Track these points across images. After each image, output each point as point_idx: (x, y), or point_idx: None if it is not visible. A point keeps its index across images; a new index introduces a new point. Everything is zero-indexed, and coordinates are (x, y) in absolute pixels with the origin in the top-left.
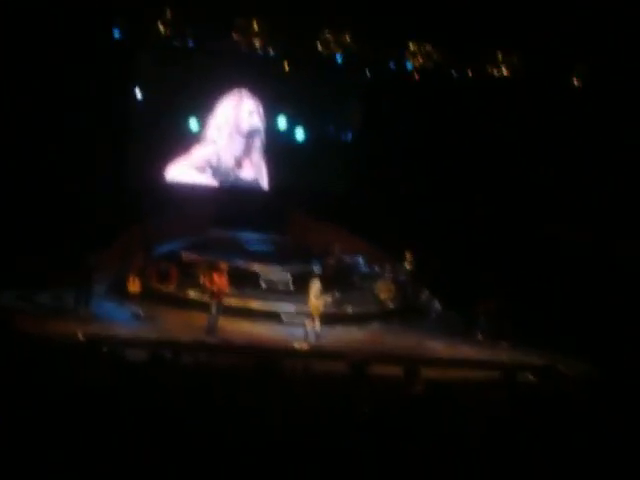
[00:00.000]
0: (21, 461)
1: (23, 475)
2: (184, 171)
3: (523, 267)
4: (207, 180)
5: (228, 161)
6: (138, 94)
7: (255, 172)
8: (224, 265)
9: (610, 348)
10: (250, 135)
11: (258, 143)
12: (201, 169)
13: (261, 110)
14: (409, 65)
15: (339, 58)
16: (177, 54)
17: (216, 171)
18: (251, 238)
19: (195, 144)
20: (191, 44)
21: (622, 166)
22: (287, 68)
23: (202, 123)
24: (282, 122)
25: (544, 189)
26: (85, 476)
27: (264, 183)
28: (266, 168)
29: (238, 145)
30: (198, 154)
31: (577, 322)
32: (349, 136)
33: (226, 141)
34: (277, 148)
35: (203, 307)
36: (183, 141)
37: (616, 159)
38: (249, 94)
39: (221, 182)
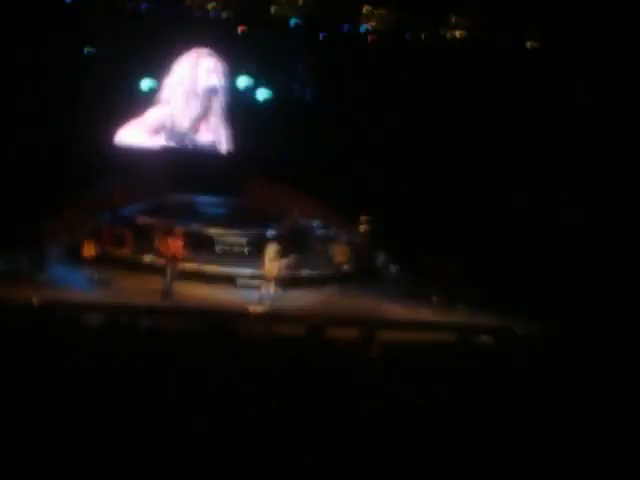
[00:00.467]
0: None
1: None
2: (136, 133)
3: (477, 230)
4: (160, 143)
5: (183, 123)
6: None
7: (213, 135)
8: (179, 229)
9: (564, 308)
10: (208, 95)
11: (217, 104)
12: (154, 131)
13: (221, 69)
14: (363, 28)
15: (292, 22)
16: (130, 17)
17: (171, 133)
18: (207, 202)
19: (149, 106)
20: (144, 7)
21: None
22: (240, 32)
23: (157, 84)
24: (242, 82)
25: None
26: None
27: (222, 147)
28: (225, 131)
29: (194, 106)
30: (151, 116)
31: (530, 284)
32: (307, 94)
33: (181, 102)
34: (237, 109)
35: (159, 271)
36: (136, 103)
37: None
38: (208, 53)
39: (176, 145)
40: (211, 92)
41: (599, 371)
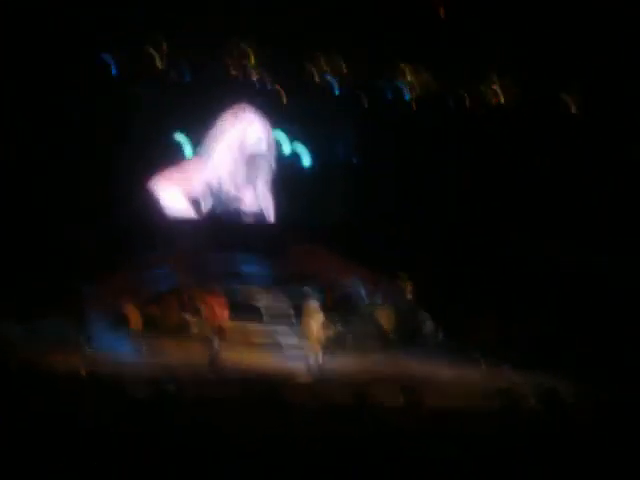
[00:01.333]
0: None
1: None
2: (178, 195)
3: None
4: (204, 209)
5: (230, 188)
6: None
7: (260, 203)
8: (224, 298)
9: (609, 365)
10: (256, 160)
11: (265, 166)
12: (198, 196)
13: (269, 134)
14: (406, 94)
15: (334, 84)
16: (173, 85)
17: (216, 199)
18: (253, 269)
19: (190, 167)
20: (186, 76)
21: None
22: (284, 98)
23: (198, 145)
24: (286, 147)
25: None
26: None
27: (270, 216)
28: (272, 198)
29: (242, 171)
30: (195, 175)
31: (574, 340)
32: (354, 159)
33: (229, 166)
34: (280, 173)
35: (205, 340)
36: (177, 164)
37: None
38: (255, 116)
39: (220, 213)
40: (259, 157)
41: None
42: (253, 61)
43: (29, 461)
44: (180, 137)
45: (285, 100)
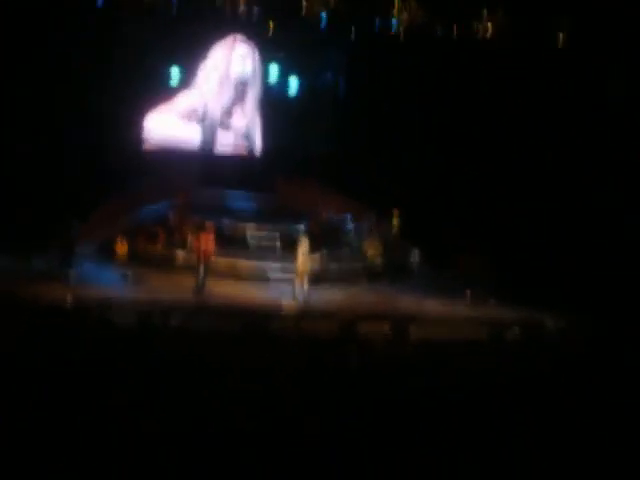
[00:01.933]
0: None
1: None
2: (167, 120)
3: (511, 223)
4: (192, 131)
5: (216, 110)
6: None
7: (247, 122)
8: (211, 226)
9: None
10: (242, 83)
11: (252, 93)
12: (186, 117)
13: (256, 56)
14: (394, 22)
15: (323, 17)
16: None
17: (203, 120)
18: (238, 198)
19: (178, 96)
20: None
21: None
22: (271, 29)
23: (186, 73)
24: (273, 73)
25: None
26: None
27: (255, 135)
28: (259, 120)
29: (228, 93)
30: (183, 101)
31: (561, 276)
32: (338, 89)
33: (215, 88)
34: (268, 101)
35: (190, 268)
36: (167, 92)
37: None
38: (242, 39)
39: (207, 137)
40: (246, 80)
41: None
42: None
43: (12, 393)
44: (168, 68)
45: (273, 31)
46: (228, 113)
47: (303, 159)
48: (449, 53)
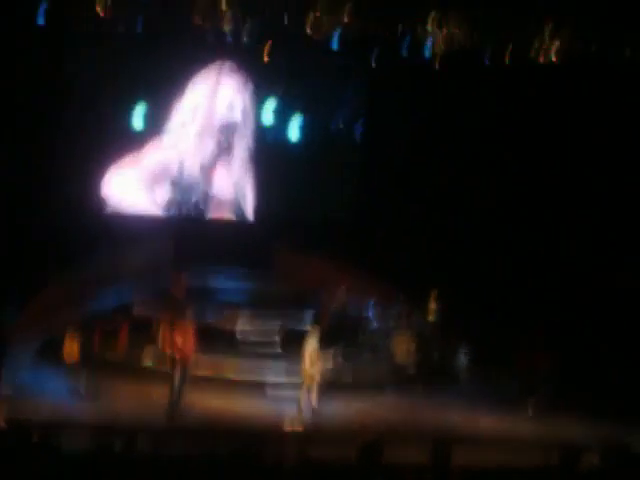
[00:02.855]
0: None
1: None
2: (130, 184)
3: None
4: (162, 201)
5: (194, 169)
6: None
7: (234, 190)
8: (190, 316)
9: None
10: (229, 130)
11: (242, 142)
12: (154, 181)
13: (249, 91)
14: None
15: (332, 37)
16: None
17: (177, 186)
18: (225, 282)
19: (144, 146)
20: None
21: None
22: (268, 54)
23: (155, 115)
24: (270, 113)
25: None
26: None
27: (247, 206)
28: (250, 181)
29: (210, 145)
30: (151, 159)
31: None
32: (357, 133)
33: (192, 140)
34: (264, 154)
35: (163, 377)
36: (130, 144)
37: None
38: (231, 69)
39: (183, 203)
40: (234, 124)
41: None
42: (225, 6)
43: None
44: (132, 107)
45: (267, 57)
46: (210, 170)
47: (310, 227)
48: (500, 83)
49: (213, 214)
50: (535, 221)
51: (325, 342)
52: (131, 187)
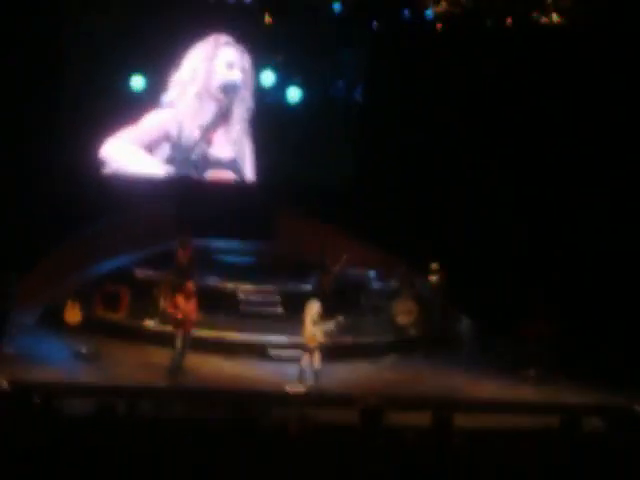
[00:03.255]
0: None
1: None
2: (128, 147)
3: (581, 278)
4: (161, 162)
5: (193, 132)
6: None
7: (233, 149)
8: (191, 284)
9: None
10: (227, 95)
11: (240, 107)
12: (154, 144)
13: (246, 61)
14: (428, 13)
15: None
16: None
17: (176, 147)
18: (226, 247)
19: (145, 111)
20: None
21: None
22: (268, 20)
23: (154, 84)
24: (269, 82)
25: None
26: None
27: (245, 166)
28: (249, 144)
29: (209, 110)
30: (150, 123)
31: None
32: (355, 97)
33: (192, 104)
34: (263, 121)
35: (164, 340)
36: (129, 108)
37: None
38: (228, 41)
39: (182, 164)
40: (232, 90)
41: None
42: None
43: None
44: (130, 76)
45: (269, 26)
46: (210, 131)
47: (310, 194)
48: (504, 47)
49: (213, 175)
50: (540, 187)
51: (327, 304)
52: (130, 149)
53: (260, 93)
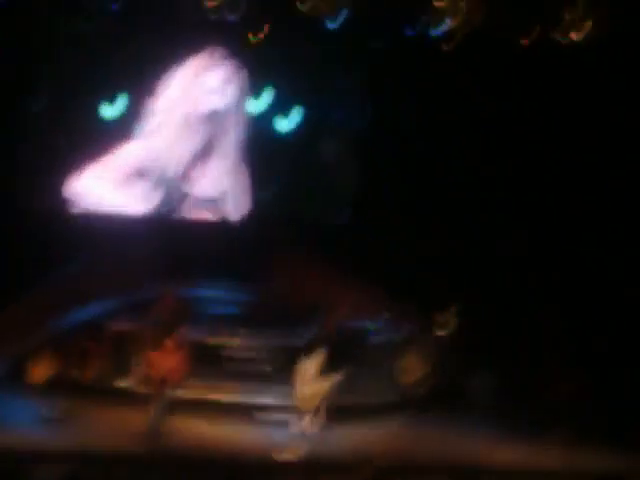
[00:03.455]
0: None
1: None
2: (100, 184)
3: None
4: (138, 198)
5: (178, 165)
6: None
7: (218, 188)
8: (172, 340)
9: None
10: (214, 122)
11: (232, 136)
12: (128, 181)
13: (236, 86)
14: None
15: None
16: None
17: (154, 184)
18: (211, 295)
19: (120, 142)
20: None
21: None
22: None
23: (133, 105)
24: (263, 105)
25: None
26: None
27: (233, 207)
28: (237, 179)
29: (196, 139)
30: (129, 153)
31: None
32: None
33: (172, 135)
34: (256, 149)
35: (141, 401)
36: (102, 137)
37: None
38: (222, 55)
39: (161, 203)
40: (218, 118)
41: None
42: None
43: None
44: (107, 97)
45: (258, 39)
46: (194, 165)
47: (307, 232)
48: (524, 67)
49: (195, 215)
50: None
51: (325, 367)
52: (102, 185)
53: (251, 121)
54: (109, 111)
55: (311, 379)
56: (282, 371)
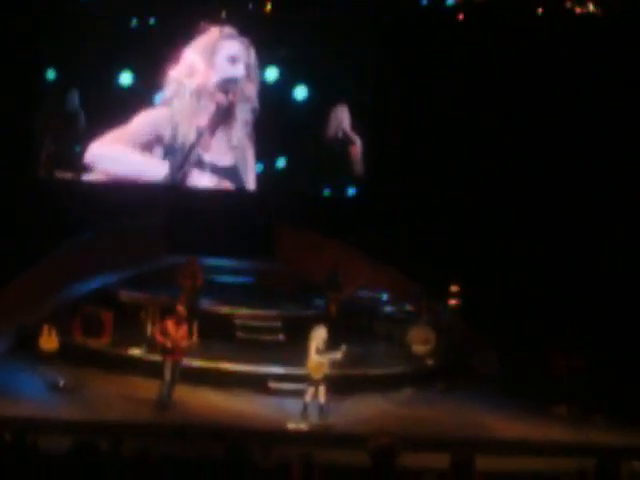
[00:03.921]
0: None
1: None
2: (117, 150)
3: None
4: (154, 168)
5: (188, 134)
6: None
7: (234, 157)
8: (182, 308)
9: None
10: (228, 92)
11: (243, 110)
12: (145, 147)
13: (251, 57)
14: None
15: None
16: None
17: (170, 151)
18: (222, 265)
19: (136, 109)
20: None
21: None
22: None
23: (146, 81)
24: (273, 80)
25: None
26: None
27: (248, 176)
28: (252, 149)
29: (207, 112)
30: (141, 124)
31: None
32: (371, 96)
33: (189, 103)
34: (266, 123)
35: (152, 370)
36: (115, 109)
37: None
38: (231, 34)
39: (176, 171)
40: (233, 86)
41: None
42: None
43: None
44: (119, 73)
45: (271, 11)
46: (207, 140)
47: (317, 205)
48: (536, 39)
49: (210, 184)
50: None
51: (334, 339)
52: (120, 150)
53: (265, 92)
54: (127, 79)
55: (322, 348)
56: (294, 341)
